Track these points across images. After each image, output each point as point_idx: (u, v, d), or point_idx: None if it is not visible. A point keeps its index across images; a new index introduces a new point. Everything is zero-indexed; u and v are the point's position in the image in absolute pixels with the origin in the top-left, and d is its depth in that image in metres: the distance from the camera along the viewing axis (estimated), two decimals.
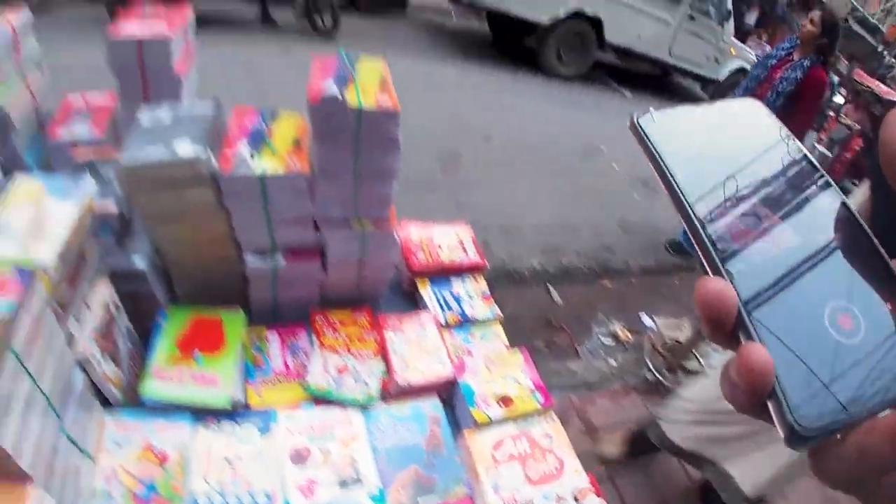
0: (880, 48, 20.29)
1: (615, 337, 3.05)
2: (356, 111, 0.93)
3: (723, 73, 8.98)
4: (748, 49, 9.67)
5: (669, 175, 0.29)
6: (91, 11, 5.05)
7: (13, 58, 1.26)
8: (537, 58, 7.29)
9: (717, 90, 9.14)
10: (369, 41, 6.15)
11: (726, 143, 0.31)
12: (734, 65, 9.08)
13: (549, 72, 7.29)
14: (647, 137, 0.31)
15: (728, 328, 0.25)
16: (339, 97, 0.92)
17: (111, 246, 0.95)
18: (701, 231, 0.27)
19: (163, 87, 1.26)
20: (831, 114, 7.01)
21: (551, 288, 3.22)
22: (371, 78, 1.00)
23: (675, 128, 0.31)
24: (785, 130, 0.31)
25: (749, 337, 0.25)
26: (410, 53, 6.30)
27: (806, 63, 3.29)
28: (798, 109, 3.30)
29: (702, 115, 0.32)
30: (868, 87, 13.13)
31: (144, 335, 1.01)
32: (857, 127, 6.16)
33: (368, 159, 1.01)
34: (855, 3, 17.91)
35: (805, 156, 0.30)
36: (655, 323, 3.18)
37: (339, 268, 1.15)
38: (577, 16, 7.11)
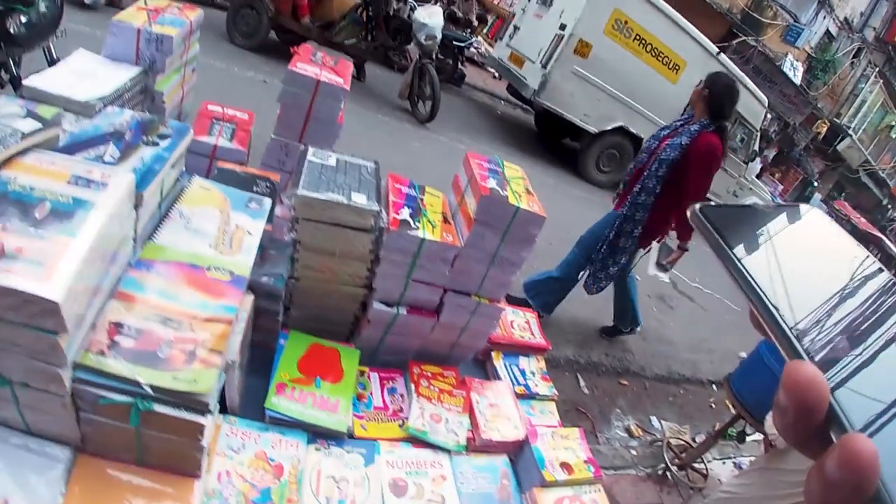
0: (885, 201, 21.43)
1: (629, 431, 3.38)
2: (515, 209, 1.18)
3: None
4: (764, 188, 10.38)
5: (737, 263, 0.29)
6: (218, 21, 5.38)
7: (182, 52, 1.38)
8: (578, 160, 7.89)
9: None
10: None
11: (791, 240, 0.31)
12: (749, 201, 9.70)
13: (586, 175, 7.86)
14: (711, 226, 0.31)
15: (818, 418, 0.23)
16: (503, 195, 1.16)
17: (255, 261, 0.98)
18: (782, 322, 0.26)
19: (321, 130, 1.45)
20: None
21: (580, 377, 3.59)
22: (518, 183, 1.26)
23: (736, 221, 0.32)
24: (846, 235, 0.32)
25: (844, 429, 0.22)
26: (468, 132, 6.85)
27: (694, 128, 3.04)
28: (685, 177, 3.03)
29: (761, 211, 0.34)
30: (846, 216, 13.83)
31: (253, 348, 1.11)
32: None
33: (508, 249, 1.22)
34: (868, 156, 19.08)
35: (869, 256, 0.30)
36: (663, 426, 3.54)
37: (447, 329, 1.31)
38: (621, 130, 7.75)
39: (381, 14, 6.36)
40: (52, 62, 2.59)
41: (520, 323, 1.62)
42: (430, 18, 6.06)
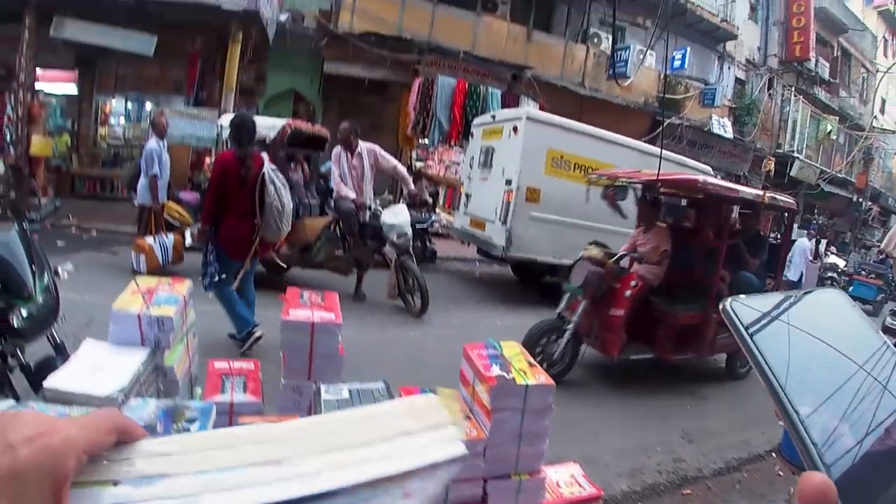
0: (854, 197, 22.03)
1: None
2: (524, 387, 1.26)
3: None
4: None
5: (765, 365, 0.30)
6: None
7: (182, 324, 1.47)
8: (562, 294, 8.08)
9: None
10: None
11: (817, 333, 0.31)
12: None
13: None
14: (734, 315, 0.32)
15: None
16: (509, 378, 1.26)
17: None
18: (798, 423, 0.27)
19: (327, 365, 1.53)
20: None
21: None
22: (519, 359, 1.33)
23: (766, 316, 0.32)
24: (869, 321, 0.32)
25: None
26: (455, 304, 7.03)
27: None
28: None
29: (789, 304, 0.33)
30: None
31: None
32: None
33: (530, 423, 1.29)
34: (821, 167, 19.84)
35: (882, 338, 0.31)
36: None
37: None
38: None
39: (352, 227, 6.67)
40: (56, 347, 2.73)
41: (565, 479, 1.58)
42: (398, 218, 6.35)
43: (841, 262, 16.22)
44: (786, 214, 6.50)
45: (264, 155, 4.65)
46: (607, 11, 14.04)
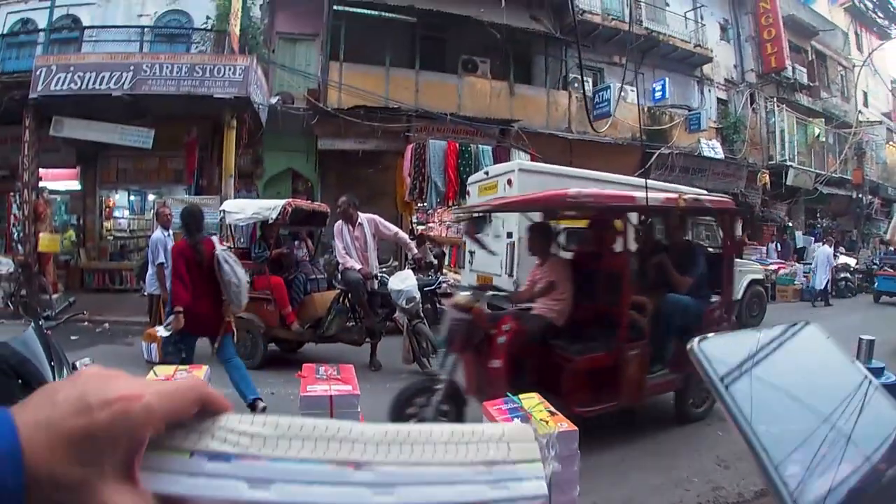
0: (853, 194, 22.04)
1: None
2: (548, 435, 1.27)
3: (739, 292, 9.79)
4: (753, 263, 10.66)
5: (741, 417, 0.28)
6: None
7: None
8: None
9: (739, 304, 9.87)
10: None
11: (793, 375, 0.30)
12: (746, 279, 9.94)
13: None
14: (705, 363, 0.30)
15: None
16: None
17: None
18: (772, 470, 0.26)
19: None
20: None
21: None
22: (539, 409, 1.33)
23: (731, 353, 0.31)
24: (841, 353, 0.30)
25: None
26: None
27: None
28: None
29: (763, 346, 0.32)
30: None
31: None
32: None
33: (559, 470, 1.34)
34: (816, 170, 19.97)
35: (866, 377, 0.29)
36: None
37: None
38: None
39: (361, 297, 6.72)
40: None
41: None
42: (405, 283, 6.43)
43: (852, 261, 16.15)
44: (728, 217, 5.49)
45: (214, 238, 5.15)
46: (584, 56, 14.56)
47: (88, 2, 12.49)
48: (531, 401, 1.44)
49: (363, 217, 6.65)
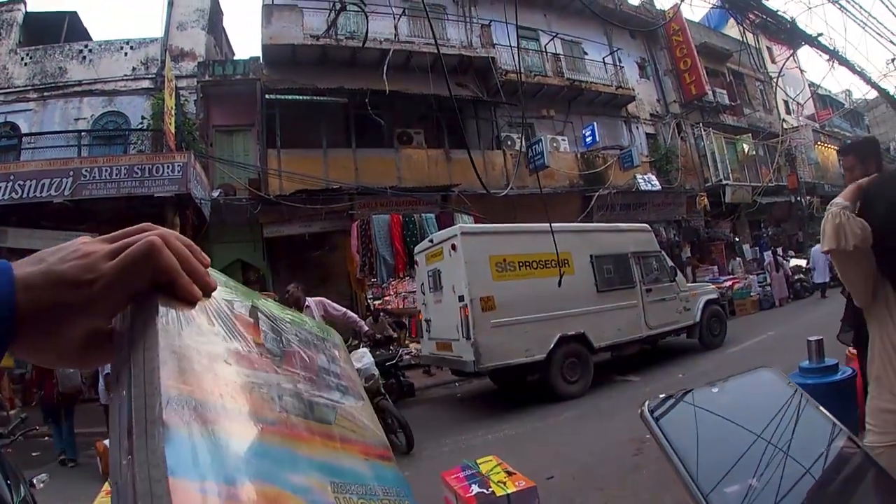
0: (792, 198, 23.00)
1: None
2: (506, 497, 1.29)
3: (697, 315, 9.95)
4: (707, 284, 10.97)
5: (679, 465, 0.30)
6: None
7: None
8: (547, 388, 8.00)
9: (699, 327, 10.04)
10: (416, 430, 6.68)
11: (736, 419, 0.31)
12: (702, 301, 10.13)
13: (562, 395, 7.90)
14: (655, 426, 0.31)
15: None
16: (489, 492, 1.28)
17: None
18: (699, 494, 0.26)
19: None
20: None
21: None
22: (497, 472, 1.36)
23: (682, 414, 0.32)
24: (800, 396, 0.31)
25: None
26: (442, 431, 6.91)
27: None
28: None
29: (711, 396, 0.33)
30: None
31: None
32: None
33: None
34: (751, 184, 20.89)
35: (826, 417, 0.30)
36: None
37: None
38: (564, 340, 8.10)
39: None
40: None
41: None
42: (361, 362, 6.34)
43: (803, 262, 16.67)
44: None
45: None
46: (512, 112, 15.18)
47: (25, 108, 12.58)
48: (489, 464, 1.50)
49: (311, 301, 6.62)
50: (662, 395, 0.32)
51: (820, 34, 13.91)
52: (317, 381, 0.53)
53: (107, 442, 6.03)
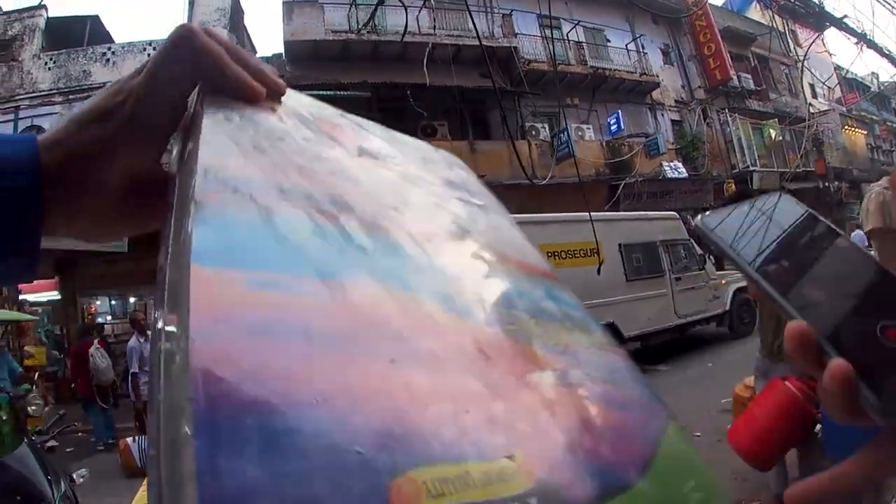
0: (819, 184, 22.50)
1: None
2: None
3: (727, 303, 9.90)
4: (732, 272, 10.91)
5: (736, 255, 0.36)
6: None
7: None
8: None
9: (729, 315, 9.99)
10: None
11: (771, 225, 0.37)
12: (732, 289, 10.06)
13: None
14: (710, 233, 0.38)
15: (814, 356, 0.31)
16: None
17: None
18: (773, 291, 0.34)
19: None
20: None
21: None
22: None
23: (728, 220, 0.38)
24: (806, 210, 0.39)
25: (830, 356, 0.30)
26: None
27: None
28: None
29: (746, 208, 0.39)
30: None
31: None
32: None
33: None
34: (778, 169, 20.49)
35: (822, 222, 0.38)
36: None
37: None
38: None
39: None
40: None
41: None
42: None
43: None
44: None
45: None
46: (537, 103, 15.11)
47: (50, 112, 12.77)
48: None
49: None
50: (709, 212, 0.37)
51: (845, 16, 13.55)
52: (444, 192, 0.45)
53: (129, 440, 6.17)
